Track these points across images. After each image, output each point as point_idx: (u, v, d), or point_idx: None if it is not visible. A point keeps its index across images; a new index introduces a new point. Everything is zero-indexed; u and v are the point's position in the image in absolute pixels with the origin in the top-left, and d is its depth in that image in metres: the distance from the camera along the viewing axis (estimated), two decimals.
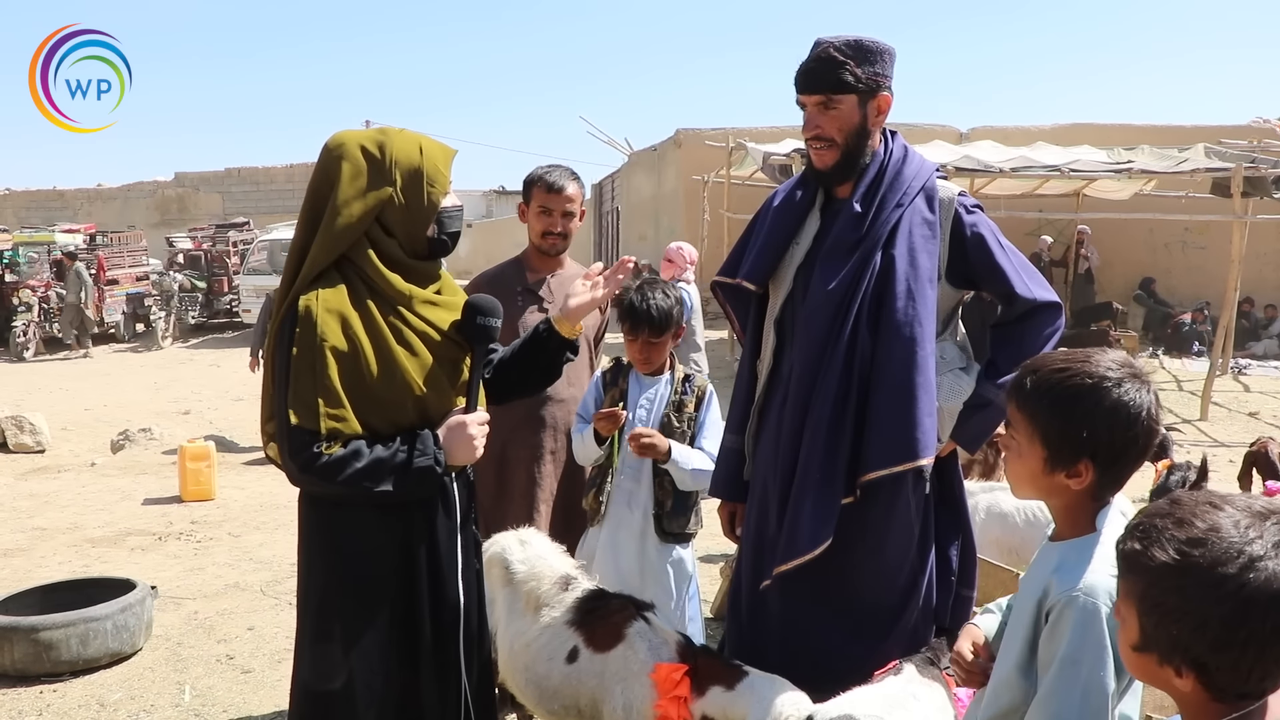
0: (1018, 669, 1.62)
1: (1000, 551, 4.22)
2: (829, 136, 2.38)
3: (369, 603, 2.10)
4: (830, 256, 2.41)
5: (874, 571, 2.49)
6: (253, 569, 5.51)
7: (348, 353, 1.98)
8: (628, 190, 22.37)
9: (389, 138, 2.06)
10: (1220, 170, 10.75)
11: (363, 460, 1.96)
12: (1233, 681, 1.12)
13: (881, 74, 2.36)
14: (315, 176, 2.07)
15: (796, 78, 2.39)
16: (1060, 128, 16.16)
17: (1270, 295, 15.60)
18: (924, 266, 2.38)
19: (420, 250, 2.11)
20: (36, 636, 3.96)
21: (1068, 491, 1.61)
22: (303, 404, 1.95)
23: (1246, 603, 1.08)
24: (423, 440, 2.03)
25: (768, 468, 2.55)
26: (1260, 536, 1.11)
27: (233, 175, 29.57)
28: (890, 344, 2.34)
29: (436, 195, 2.07)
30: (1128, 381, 1.56)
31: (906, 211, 2.39)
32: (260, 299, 18.27)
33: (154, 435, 9.25)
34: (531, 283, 3.35)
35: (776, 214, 2.54)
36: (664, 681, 2.37)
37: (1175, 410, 10.36)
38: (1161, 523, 1.17)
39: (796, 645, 2.51)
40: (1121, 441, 1.56)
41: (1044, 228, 15.49)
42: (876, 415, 2.35)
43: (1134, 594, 1.18)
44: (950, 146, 12.49)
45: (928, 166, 2.49)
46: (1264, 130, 14.71)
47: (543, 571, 2.81)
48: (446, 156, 2.11)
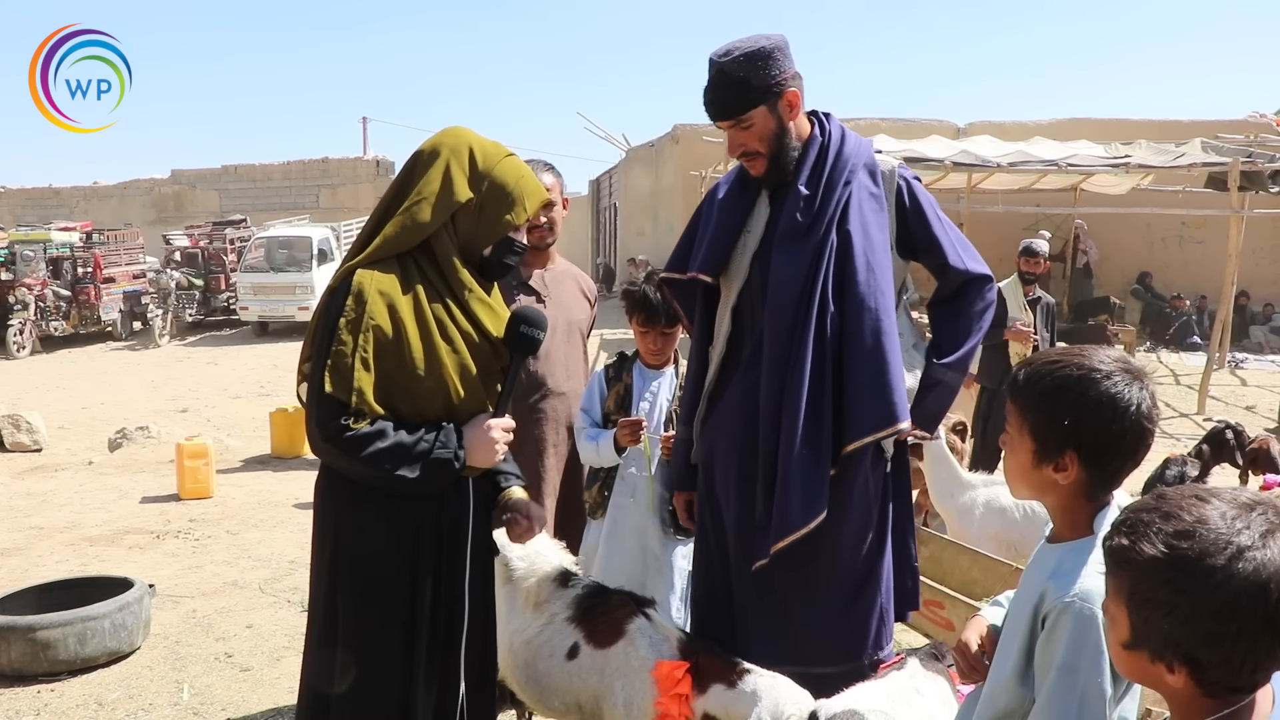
0: (1014, 674, 1.60)
1: (999, 546, 4.22)
2: (753, 150, 2.45)
3: (379, 605, 2.11)
4: (787, 239, 2.46)
5: (834, 552, 2.51)
6: (251, 567, 5.51)
7: (390, 338, 2.02)
8: (626, 186, 22.35)
9: (500, 152, 2.15)
10: (1217, 165, 10.76)
11: (386, 441, 1.99)
12: (1225, 675, 1.11)
13: (779, 73, 2.39)
14: (417, 155, 2.13)
15: (705, 107, 2.45)
16: (1058, 122, 16.14)
17: (1267, 289, 15.63)
18: (877, 239, 2.46)
19: (473, 262, 2.17)
20: (34, 636, 3.95)
21: (1057, 488, 1.59)
22: (339, 374, 1.98)
23: (1237, 593, 1.08)
24: (446, 434, 2.07)
25: (729, 450, 2.57)
26: (1248, 527, 1.11)
27: (230, 173, 29.47)
28: (859, 316, 2.41)
29: (510, 222, 2.14)
30: (1118, 375, 1.54)
31: (854, 187, 2.47)
32: (257, 296, 18.39)
33: (151, 433, 9.23)
34: (525, 277, 3.36)
35: (724, 205, 2.60)
36: (666, 679, 2.37)
37: (1172, 404, 10.38)
38: (1148, 517, 1.17)
39: (761, 627, 2.53)
40: (1107, 435, 1.53)
41: (1042, 222, 15.50)
42: (855, 385, 2.42)
43: (1123, 590, 1.17)
44: (948, 141, 12.48)
45: (865, 143, 2.57)
46: (1261, 125, 14.73)
47: (542, 568, 2.81)
48: (537, 197, 2.19)
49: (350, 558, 2.10)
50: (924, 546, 4.04)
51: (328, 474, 2.17)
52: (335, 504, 2.14)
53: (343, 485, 2.12)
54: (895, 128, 14.63)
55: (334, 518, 2.14)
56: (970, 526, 4.41)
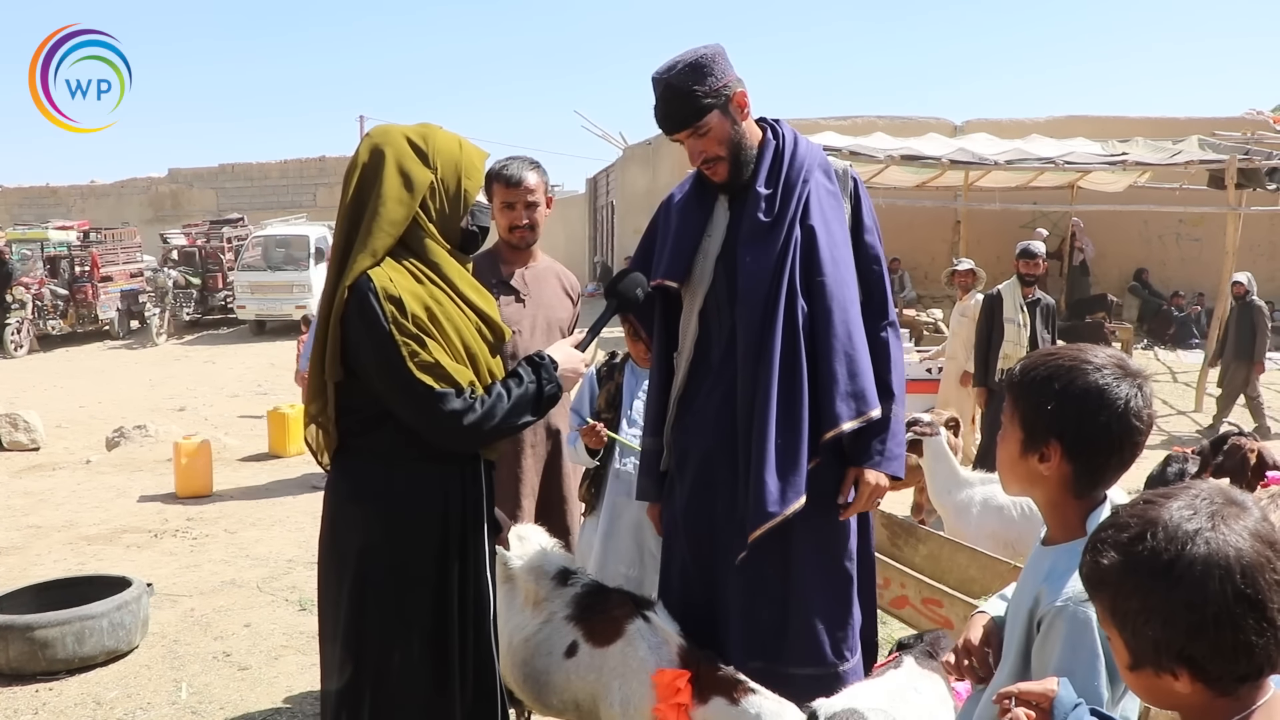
0: (1012, 677, 1.59)
1: (996, 545, 4.22)
2: (714, 154, 2.49)
3: (412, 593, 2.14)
4: (751, 239, 2.50)
5: (812, 546, 2.54)
6: (249, 565, 5.51)
7: (430, 320, 2.07)
8: (623, 184, 22.34)
9: (431, 131, 2.17)
10: (1214, 162, 10.76)
11: (506, 401, 2.11)
12: (1224, 666, 1.11)
13: (724, 80, 2.45)
14: (362, 167, 2.12)
15: (659, 124, 2.50)
16: (1055, 120, 16.14)
17: (1263, 286, 15.59)
18: (838, 234, 2.54)
19: (454, 240, 2.20)
20: (32, 635, 3.95)
21: (1043, 480, 1.58)
22: (429, 369, 2.02)
23: (1201, 578, 1.09)
24: (546, 369, 2.21)
25: (711, 450, 2.58)
26: (1195, 513, 1.13)
27: (227, 171, 29.46)
28: (827, 308, 2.47)
29: (472, 189, 2.19)
30: (1110, 369, 1.53)
31: (812, 185, 2.53)
32: (254, 295, 18.37)
33: (149, 432, 9.23)
34: (506, 275, 3.35)
35: (682, 212, 2.63)
36: (666, 687, 2.35)
37: (1169, 401, 10.40)
38: (1104, 534, 1.18)
39: (738, 624, 2.54)
40: (1091, 425, 1.52)
41: (1039, 220, 15.50)
42: (830, 375, 2.46)
43: (1106, 611, 1.18)
44: (945, 139, 12.48)
45: (816, 146, 2.65)
46: (1258, 122, 14.72)
47: (541, 567, 2.81)
48: (481, 156, 2.24)
49: (378, 553, 2.12)
50: (922, 545, 4.04)
51: (352, 472, 2.18)
52: (358, 500, 2.15)
53: (368, 482, 2.14)
54: (892, 125, 14.62)
55: (359, 515, 2.14)
56: (968, 524, 4.41)
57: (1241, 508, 1.15)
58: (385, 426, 2.10)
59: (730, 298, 2.53)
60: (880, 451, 2.52)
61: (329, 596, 2.21)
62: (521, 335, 3.21)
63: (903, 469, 2.61)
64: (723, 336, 2.57)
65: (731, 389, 2.53)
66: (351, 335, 2.04)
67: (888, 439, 2.53)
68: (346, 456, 2.18)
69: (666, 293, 2.64)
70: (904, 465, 2.63)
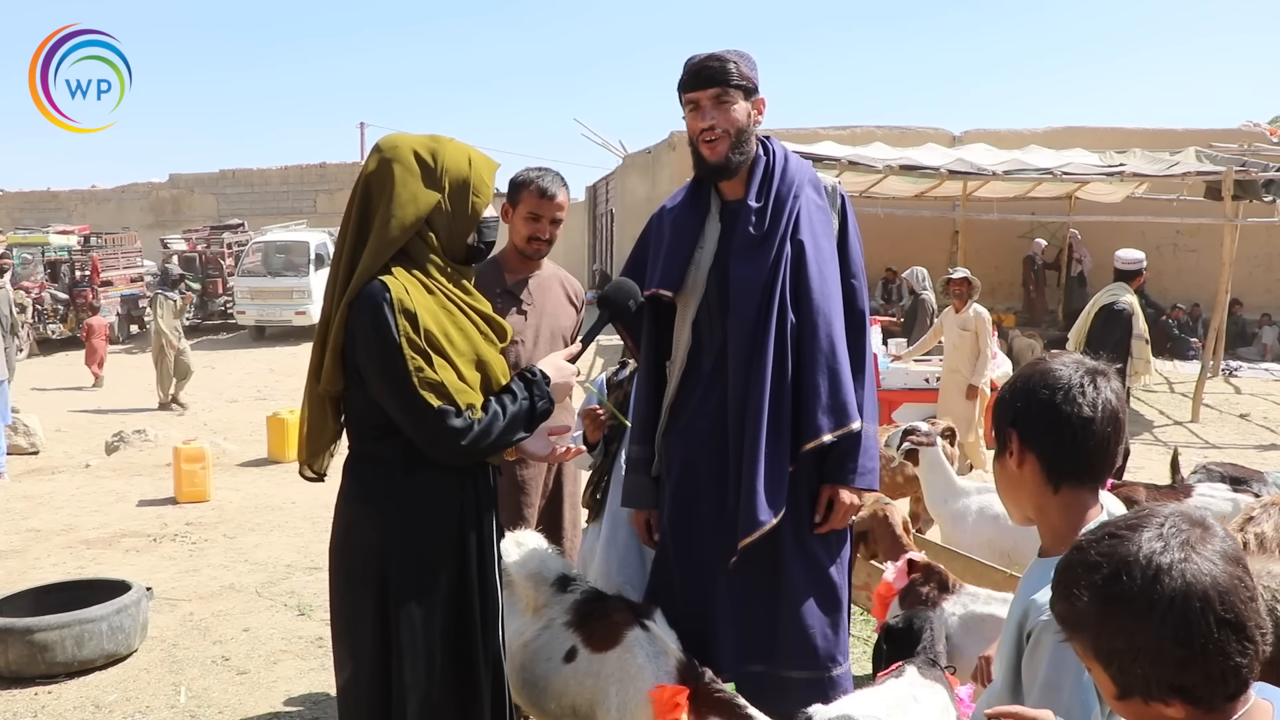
0: (1005, 689, 1.61)
1: (992, 553, 4.24)
2: (723, 128, 2.52)
3: (434, 589, 2.16)
4: (743, 252, 2.56)
5: (799, 550, 2.58)
6: (248, 570, 5.52)
7: (442, 337, 2.08)
8: (622, 192, 22.37)
9: (441, 145, 2.16)
10: (1211, 173, 10.81)
11: (504, 418, 2.14)
12: (1215, 690, 1.12)
13: (756, 79, 2.55)
14: (368, 178, 2.12)
15: (687, 80, 2.54)
16: (1053, 131, 16.19)
17: (1260, 298, 15.68)
18: (825, 249, 2.60)
19: (459, 256, 2.21)
20: (31, 638, 3.97)
21: (1021, 481, 1.59)
22: (432, 386, 2.04)
23: (1183, 612, 1.09)
24: (535, 385, 2.22)
25: (700, 456, 2.62)
26: (1165, 545, 1.12)
27: (227, 177, 29.45)
28: (813, 322, 2.53)
29: (480, 205, 2.18)
30: (1071, 362, 1.56)
31: (802, 201, 2.58)
32: (254, 301, 18.38)
33: (149, 437, 9.24)
34: (511, 284, 3.36)
35: (674, 224, 2.68)
36: (664, 703, 2.35)
37: (1167, 412, 10.41)
38: (1073, 574, 1.17)
39: (730, 629, 2.57)
40: (1036, 405, 1.54)
41: (1037, 230, 15.53)
42: (813, 387, 2.52)
43: (1088, 649, 1.17)
44: (943, 149, 12.52)
45: (805, 162, 2.72)
46: (1254, 134, 14.79)
47: (540, 572, 2.83)
48: (491, 169, 2.22)
49: (394, 552, 2.13)
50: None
51: (365, 476, 2.19)
52: (371, 503, 2.17)
53: (381, 485, 2.16)
54: (891, 135, 14.66)
55: (372, 516, 2.16)
56: (963, 532, 4.43)
57: (1206, 529, 1.15)
58: (401, 434, 2.11)
59: (722, 309, 2.58)
60: (853, 470, 2.57)
61: (346, 599, 2.22)
62: (525, 345, 3.23)
63: (876, 482, 2.69)
64: (714, 346, 2.62)
65: (723, 398, 2.58)
66: (360, 341, 2.05)
67: (859, 455, 2.58)
68: (359, 461, 2.21)
69: (659, 302, 2.67)
70: (877, 479, 2.69)
